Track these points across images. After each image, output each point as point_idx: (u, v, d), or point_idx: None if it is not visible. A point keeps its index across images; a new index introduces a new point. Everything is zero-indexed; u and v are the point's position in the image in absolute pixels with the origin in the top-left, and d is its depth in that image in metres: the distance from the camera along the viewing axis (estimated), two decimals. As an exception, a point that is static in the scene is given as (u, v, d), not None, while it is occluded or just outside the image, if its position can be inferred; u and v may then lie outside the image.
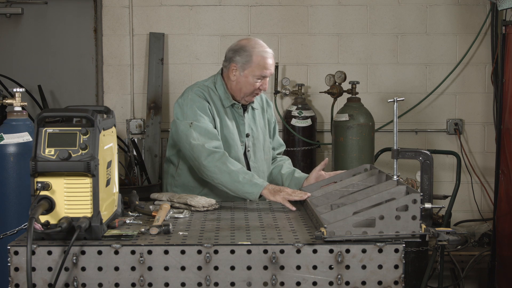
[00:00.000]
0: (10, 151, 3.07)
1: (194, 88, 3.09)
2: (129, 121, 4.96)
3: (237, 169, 2.84)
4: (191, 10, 4.97)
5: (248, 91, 3.07)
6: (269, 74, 3.07)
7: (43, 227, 1.98)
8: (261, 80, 3.05)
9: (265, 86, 3.08)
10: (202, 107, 3.00)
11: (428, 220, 2.19)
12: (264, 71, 3.04)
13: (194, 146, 2.90)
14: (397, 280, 2.03)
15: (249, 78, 3.04)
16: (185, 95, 3.06)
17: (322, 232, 2.02)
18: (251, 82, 3.05)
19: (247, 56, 3.04)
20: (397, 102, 2.35)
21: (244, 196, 2.82)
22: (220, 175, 2.84)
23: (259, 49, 3.05)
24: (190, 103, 3.00)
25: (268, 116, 3.31)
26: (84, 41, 5.05)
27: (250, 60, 3.03)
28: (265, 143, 3.23)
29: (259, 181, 2.81)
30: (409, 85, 5.02)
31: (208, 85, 3.11)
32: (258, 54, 3.04)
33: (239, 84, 3.07)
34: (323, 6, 4.97)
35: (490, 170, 4.81)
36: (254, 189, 2.78)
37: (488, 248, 4.53)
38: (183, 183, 3.11)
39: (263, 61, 3.03)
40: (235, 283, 2.02)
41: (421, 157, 2.33)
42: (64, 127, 2.06)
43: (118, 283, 2.01)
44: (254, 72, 3.03)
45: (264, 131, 3.25)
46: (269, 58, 3.05)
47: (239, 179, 2.81)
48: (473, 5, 4.97)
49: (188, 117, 2.98)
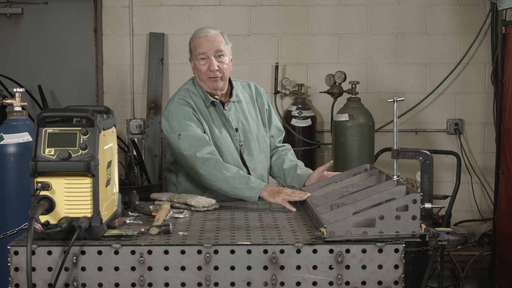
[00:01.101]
0: (10, 151, 3.07)
1: (176, 97, 3.09)
2: (129, 121, 4.96)
3: (233, 175, 2.84)
4: (191, 10, 4.97)
5: (203, 77, 3.05)
6: (206, 50, 3.02)
7: (43, 227, 1.98)
8: (205, 61, 3.04)
9: (212, 66, 3.01)
10: (186, 115, 2.99)
11: (428, 220, 2.19)
12: (200, 49, 3.03)
13: (187, 157, 2.91)
14: (397, 280, 2.03)
15: (196, 65, 3.06)
16: (168, 107, 3.07)
17: (322, 232, 2.02)
18: (199, 67, 3.05)
19: (190, 45, 3.11)
20: (397, 102, 2.35)
21: (245, 199, 2.84)
22: (218, 182, 2.86)
23: (195, 35, 3.09)
24: (174, 114, 3.01)
25: (259, 104, 3.26)
26: (84, 41, 5.05)
27: (192, 48, 3.09)
28: (259, 134, 3.18)
29: (256, 183, 2.81)
30: (409, 85, 5.02)
31: (189, 88, 3.11)
32: (194, 38, 3.08)
33: (196, 75, 3.10)
34: (323, 6, 4.96)
35: (490, 170, 4.81)
36: (252, 192, 2.79)
37: (488, 248, 4.53)
38: (184, 190, 3.10)
39: (198, 41, 3.05)
40: (235, 283, 2.02)
41: (421, 157, 2.33)
42: (64, 127, 2.06)
43: (118, 283, 2.01)
44: (196, 56, 3.05)
45: (256, 121, 3.20)
46: (202, 36, 3.05)
47: (235, 185, 2.82)
48: (473, 5, 4.97)
49: (176, 128, 2.98)
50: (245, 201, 2.85)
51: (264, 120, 3.26)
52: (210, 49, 3.02)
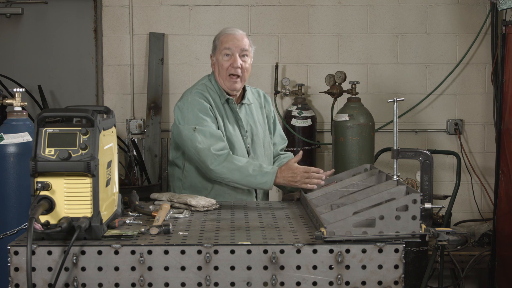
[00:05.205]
0: (10, 151, 3.07)
1: (193, 89, 3.09)
2: (129, 121, 4.96)
3: (245, 164, 2.88)
4: (191, 10, 4.97)
5: (223, 74, 3.08)
6: (233, 47, 3.06)
7: (43, 227, 1.98)
8: (228, 57, 3.06)
9: (236, 63, 3.05)
10: (204, 109, 3.00)
11: (428, 220, 2.19)
12: (226, 44, 3.06)
13: (201, 150, 2.91)
14: (397, 280, 2.03)
15: (219, 59, 3.09)
16: (185, 98, 3.06)
17: (322, 232, 2.02)
18: (221, 63, 3.07)
19: (215, 41, 3.14)
20: (397, 102, 2.35)
21: (259, 187, 2.88)
22: (230, 174, 2.87)
23: (224, 32, 3.13)
24: (190, 106, 3.00)
25: (266, 112, 3.31)
26: (84, 41, 5.05)
27: (218, 43, 3.12)
28: (265, 139, 3.22)
29: (268, 168, 2.86)
30: (409, 85, 5.01)
31: (206, 83, 3.13)
32: (222, 34, 3.12)
33: (216, 71, 3.12)
34: (323, 6, 4.96)
35: (490, 170, 4.81)
36: (266, 177, 2.83)
37: (488, 248, 4.53)
38: (190, 185, 3.10)
39: (225, 37, 3.08)
40: (235, 283, 2.02)
41: (421, 157, 2.33)
42: (64, 127, 2.06)
43: (118, 283, 2.01)
44: (221, 50, 3.08)
45: (263, 127, 3.24)
46: (231, 33, 3.09)
47: (249, 173, 2.85)
48: (473, 5, 4.97)
49: (190, 121, 2.98)
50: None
51: (270, 127, 3.31)
52: (237, 47, 3.06)
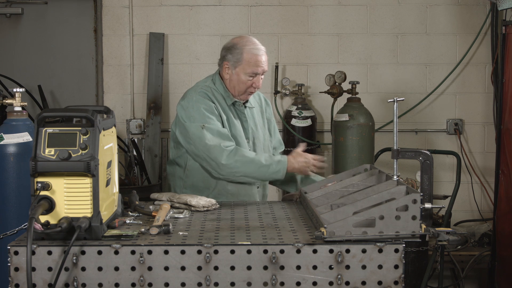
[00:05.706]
0: (10, 151, 3.07)
1: (197, 89, 3.07)
2: (129, 121, 4.96)
3: (256, 156, 2.94)
4: (191, 10, 4.97)
5: (242, 89, 3.07)
6: (260, 71, 3.06)
7: (43, 227, 1.98)
8: (253, 78, 3.05)
9: (258, 83, 3.07)
10: (209, 108, 3.00)
11: (428, 220, 2.19)
12: (254, 68, 3.04)
13: (211, 147, 2.91)
14: (397, 280, 2.03)
15: (241, 75, 3.05)
16: (189, 97, 3.05)
17: (322, 232, 2.02)
18: (243, 80, 3.05)
19: (238, 54, 3.05)
20: (397, 102, 2.35)
21: (272, 177, 2.94)
22: (244, 167, 2.90)
23: (250, 47, 3.06)
24: (196, 105, 3.00)
25: (267, 115, 3.31)
26: (84, 41, 5.05)
27: (241, 58, 3.04)
28: (265, 142, 3.23)
29: (279, 157, 2.96)
30: (409, 85, 5.02)
31: (209, 85, 3.11)
32: (249, 51, 3.04)
33: (232, 82, 3.08)
34: (323, 6, 4.97)
35: (490, 170, 4.81)
36: (279, 166, 2.91)
37: (488, 248, 4.53)
38: (192, 184, 3.10)
39: (254, 58, 3.04)
40: (235, 283, 2.02)
41: (421, 157, 2.33)
42: (64, 127, 2.06)
43: (118, 283, 2.01)
44: (245, 69, 3.04)
45: (263, 130, 3.25)
46: (260, 55, 3.05)
47: (262, 163, 2.91)
48: (473, 5, 4.97)
49: (197, 119, 2.97)
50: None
51: (270, 130, 3.32)
52: (263, 70, 3.07)
